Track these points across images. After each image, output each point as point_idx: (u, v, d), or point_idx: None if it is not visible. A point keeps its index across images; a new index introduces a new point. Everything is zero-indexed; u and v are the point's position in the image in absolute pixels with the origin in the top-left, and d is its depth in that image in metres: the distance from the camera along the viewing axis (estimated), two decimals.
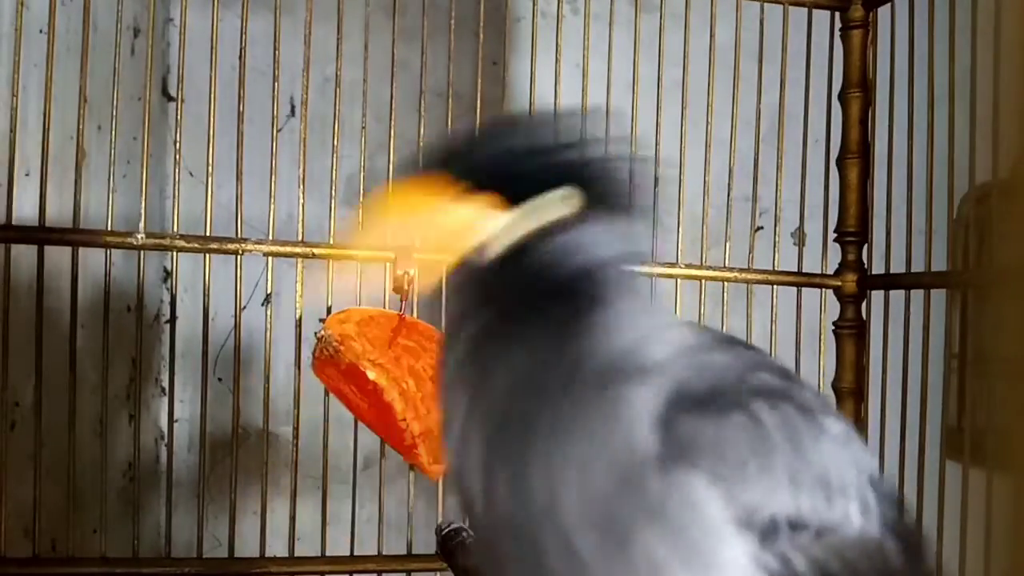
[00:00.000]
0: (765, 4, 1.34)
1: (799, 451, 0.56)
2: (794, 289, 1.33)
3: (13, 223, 1.09)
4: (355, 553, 1.22)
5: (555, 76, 1.26)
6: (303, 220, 1.19)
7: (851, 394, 1.33)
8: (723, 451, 0.53)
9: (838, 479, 0.57)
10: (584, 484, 0.53)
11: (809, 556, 0.54)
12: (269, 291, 1.19)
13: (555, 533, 0.53)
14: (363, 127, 1.22)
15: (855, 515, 0.57)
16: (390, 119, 1.22)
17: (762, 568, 0.53)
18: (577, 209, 0.58)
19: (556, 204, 0.58)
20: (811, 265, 1.35)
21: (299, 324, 1.18)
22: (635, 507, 0.52)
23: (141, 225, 1.14)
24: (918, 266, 1.22)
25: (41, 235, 1.09)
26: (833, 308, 1.35)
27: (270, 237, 1.18)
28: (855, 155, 1.34)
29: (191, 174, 1.30)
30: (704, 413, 0.54)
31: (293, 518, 1.18)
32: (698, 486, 0.52)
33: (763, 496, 0.53)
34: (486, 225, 0.57)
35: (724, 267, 1.31)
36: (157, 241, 1.15)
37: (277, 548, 1.21)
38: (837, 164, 1.35)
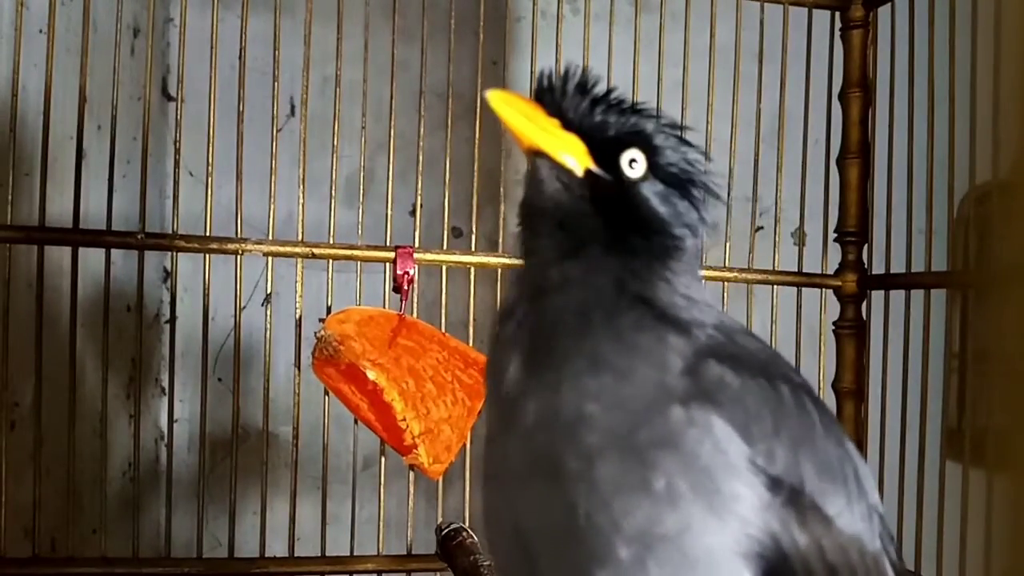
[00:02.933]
0: (765, 4, 1.34)
1: (810, 434, 0.58)
2: (794, 289, 1.33)
3: (13, 223, 1.09)
4: (355, 553, 1.22)
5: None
6: (303, 220, 1.20)
7: (851, 394, 1.33)
8: (743, 403, 0.56)
9: (842, 478, 0.58)
10: (612, 408, 0.55)
11: (807, 525, 0.55)
12: (269, 291, 1.19)
13: (577, 453, 0.55)
14: (363, 127, 1.22)
15: (856, 516, 0.58)
16: (390, 119, 1.22)
17: (769, 513, 0.54)
18: (645, 171, 0.63)
19: (631, 162, 0.63)
20: (811, 265, 1.35)
21: (299, 324, 1.18)
22: (656, 434, 0.54)
23: (141, 225, 1.14)
24: (918, 266, 1.22)
25: (41, 235, 1.09)
26: (833, 308, 1.35)
27: (270, 237, 1.18)
28: (855, 155, 1.34)
29: (191, 174, 1.30)
30: (732, 368, 0.57)
31: (293, 518, 1.18)
32: (716, 423, 0.55)
33: (773, 454, 0.55)
34: (566, 159, 0.62)
35: (724, 267, 1.31)
36: (157, 241, 1.15)
37: (277, 548, 1.21)
38: (837, 164, 1.35)
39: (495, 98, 0.60)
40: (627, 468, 0.54)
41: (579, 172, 0.62)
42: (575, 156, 0.62)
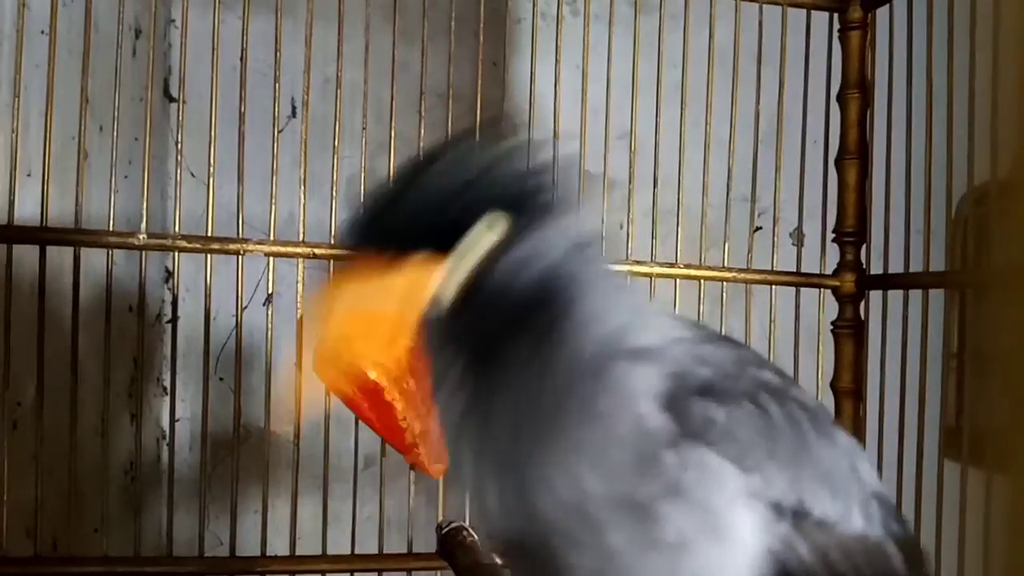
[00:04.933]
0: (764, 5, 1.34)
1: (804, 446, 0.58)
2: (793, 289, 1.33)
3: (15, 223, 1.09)
4: (356, 552, 1.22)
5: (555, 77, 1.26)
6: (304, 220, 1.20)
7: (849, 394, 1.33)
8: (734, 435, 0.55)
9: (840, 480, 0.58)
10: (604, 470, 0.54)
11: (812, 543, 0.55)
12: (270, 291, 1.19)
13: (586, 528, 0.54)
14: (364, 128, 1.22)
15: (856, 516, 0.58)
16: (390, 120, 1.23)
17: (774, 538, 0.54)
18: (507, 230, 0.56)
19: (485, 234, 0.56)
20: (809, 265, 1.36)
21: (300, 324, 1.18)
22: (655, 484, 0.53)
23: (143, 225, 1.14)
24: (916, 266, 1.22)
25: (43, 235, 1.10)
26: (831, 308, 1.35)
27: (271, 237, 1.19)
28: (853, 156, 1.35)
29: (192, 174, 1.30)
30: (715, 399, 0.56)
31: (294, 517, 1.18)
32: (712, 460, 0.54)
33: (771, 479, 0.55)
34: (429, 283, 0.55)
35: (723, 267, 1.31)
36: (159, 241, 1.15)
37: (278, 547, 1.21)
38: (836, 165, 1.36)
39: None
40: (636, 527, 0.53)
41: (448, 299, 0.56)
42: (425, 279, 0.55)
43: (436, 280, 0.56)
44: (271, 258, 1.19)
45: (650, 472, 0.54)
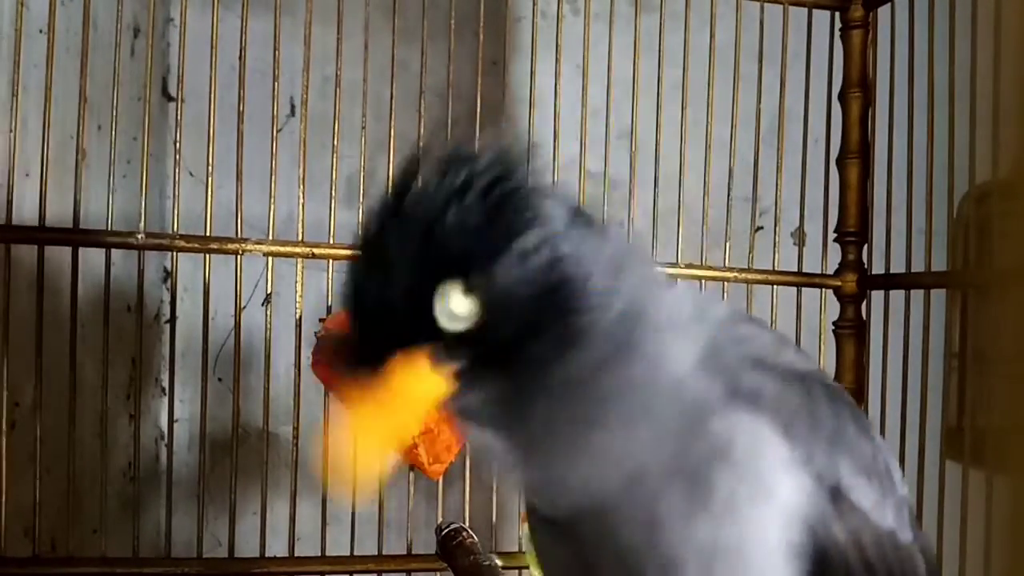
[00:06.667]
0: (765, 4, 1.34)
1: (844, 433, 0.58)
2: (794, 289, 1.33)
3: (13, 223, 1.09)
4: (355, 553, 1.22)
5: (555, 76, 1.26)
6: (303, 220, 1.20)
7: (851, 393, 1.32)
8: (780, 405, 0.55)
9: (877, 474, 0.58)
10: (649, 439, 0.54)
11: (847, 524, 0.56)
12: (269, 291, 1.19)
13: (636, 499, 0.54)
14: (363, 127, 1.22)
15: (890, 514, 0.58)
16: (390, 119, 1.22)
17: (813, 509, 0.54)
18: (464, 285, 0.51)
19: (449, 300, 0.52)
20: (811, 265, 1.35)
21: (299, 324, 1.18)
22: (704, 450, 0.54)
23: (141, 225, 1.14)
24: (918, 266, 1.22)
25: (41, 235, 1.09)
26: (833, 308, 1.35)
27: (270, 237, 1.19)
28: (855, 155, 1.34)
29: (191, 174, 1.30)
30: (764, 372, 0.56)
31: (293, 518, 1.18)
32: (758, 427, 0.54)
33: (813, 453, 0.55)
34: (427, 371, 0.52)
35: (724, 267, 1.31)
36: (157, 241, 1.15)
37: (277, 548, 1.21)
38: (837, 164, 1.36)
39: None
40: (688, 494, 0.53)
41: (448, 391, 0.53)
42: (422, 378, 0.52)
43: (430, 364, 0.52)
44: (270, 258, 1.18)
45: (699, 437, 0.54)
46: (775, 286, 1.32)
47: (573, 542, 0.58)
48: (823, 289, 1.34)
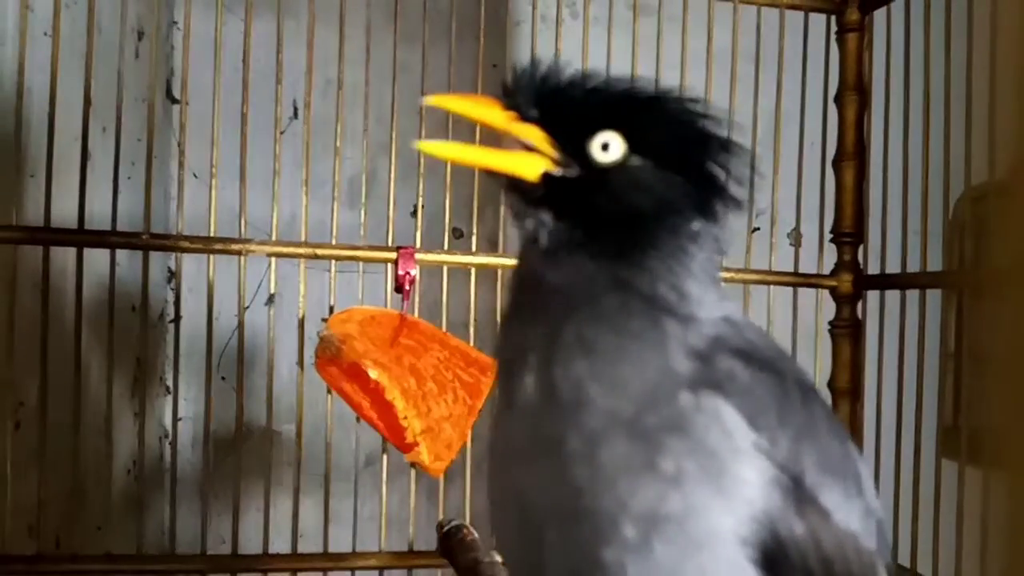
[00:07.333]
0: (762, 8, 1.35)
1: (814, 433, 0.58)
2: (790, 289, 1.34)
3: (19, 224, 1.10)
4: (357, 550, 1.23)
5: None
6: (306, 221, 1.20)
7: (847, 394, 1.34)
8: (752, 395, 0.56)
9: (844, 478, 0.59)
10: (611, 391, 0.55)
11: (807, 519, 0.56)
12: (272, 291, 1.20)
13: (579, 436, 0.55)
14: (365, 129, 1.23)
15: (854, 518, 0.59)
16: (391, 121, 1.23)
17: (771, 501, 0.55)
18: (624, 153, 0.60)
19: (605, 145, 0.60)
20: (807, 266, 1.36)
21: (302, 324, 1.19)
22: (663, 418, 0.55)
23: (145, 226, 1.15)
24: (914, 266, 1.23)
25: (46, 236, 1.10)
26: (829, 308, 1.36)
27: (273, 238, 1.20)
28: (851, 157, 1.35)
29: (195, 175, 1.31)
30: (743, 362, 0.57)
31: (296, 515, 1.19)
32: (725, 409, 0.55)
33: (777, 442, 0.56)
34: (516, 168, 0.60)
35: (721, 268, 1.31)
36: (161, 242, 1.16)
37: (280, 545, 1.22)
38: (833, 166, 1.37)
39: (428, 148, 0.61)
40: (633, 451, 0.54)
41: (533, 178, 0.59)
42: (531, 157, 0.59)
43: (542, 150, 0.60)
44: (273, 258, 1.19)
45: (662, 406, 0.55)
46: (771, 286, 1.33)
47: (532, 461, 0.58)
48: (819, 289, 1.36)
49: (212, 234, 1.18)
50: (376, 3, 1.22)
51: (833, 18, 1.38)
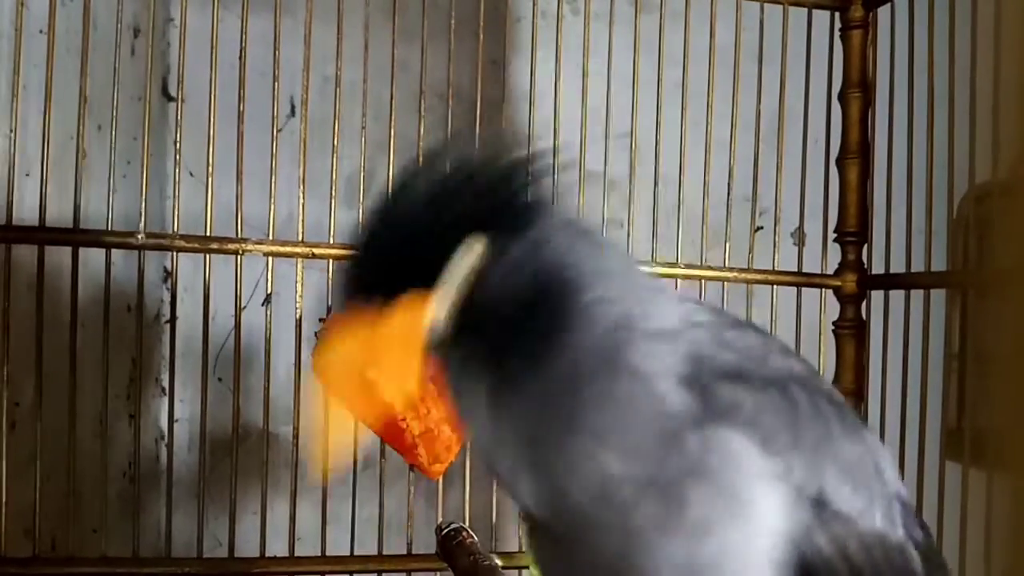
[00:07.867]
0: (765, 4, 1.34)
1: (828, 438, 0.57)
2: (794, 289, 1.33)
3: (14, 223, 1.09)
4: (355, 553, 1.22)
5: (555, 76, 1.26)
6: (303, 220, 1.20)
7: (851, 394, 1.33)
8: (760, 419, 0.55)
9: (863, 477, 0.58)
10: (626, 452, 0.54)
11: (831, 533, 0.55)
12: (269, 291, 1.19)
13: (611, 510, 0.54)
14: (363, 127, 1.22)
15: (877, 515, 0.58)
16: (390, 119, 1.22)
17: (794, 524, 0.54)
18: (487, 249, 0.56)
19: (466, 258, 0.56)
20: (811, 265, 1.35)
21: (299, 324, 1.18)
22: (678, 465, 0.53)
23: (141, 225, 1.14)
24: (918, 266, 1.22)
25: (41, 235, 1.10)
26: (833, 308, 1.35)
27: (270, 237, 1.19)
28: (855, 155, 1.34)
29: (191, 174, 1.30)
30: (741, 383, 0.55)
31: (293, 518, 1.18)
32: (736, 443, 0.54)
33: (793, 466, 0.55)
34: (423, 318, 0.55)
35: (724, 267, 1.31)
36: (157, 241, 1.15)
37: (277, 548, 1.21)
38: (837, 164, 1.36)
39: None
40: (660, 509, 0.53)
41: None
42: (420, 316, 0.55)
43: (429, 313, 0.55)
44: (270, 258, 1.18)
45: (673, 453, 0.53)
46: (775, 286, 1.32)
47: (562, 547, 0.58)
48: (823, 289, 1.34)
49: (208, 233, 1.17)
50: (374, 0, 1.21)
51: (837, 15, 1.37)
